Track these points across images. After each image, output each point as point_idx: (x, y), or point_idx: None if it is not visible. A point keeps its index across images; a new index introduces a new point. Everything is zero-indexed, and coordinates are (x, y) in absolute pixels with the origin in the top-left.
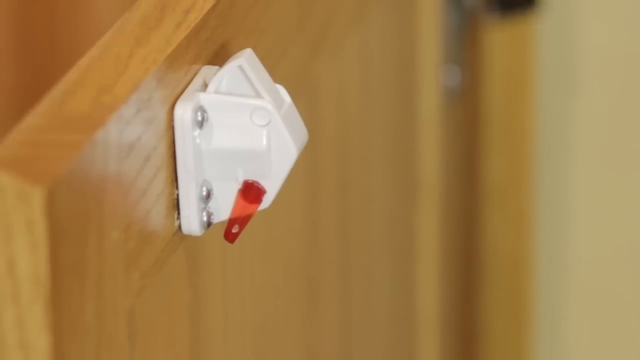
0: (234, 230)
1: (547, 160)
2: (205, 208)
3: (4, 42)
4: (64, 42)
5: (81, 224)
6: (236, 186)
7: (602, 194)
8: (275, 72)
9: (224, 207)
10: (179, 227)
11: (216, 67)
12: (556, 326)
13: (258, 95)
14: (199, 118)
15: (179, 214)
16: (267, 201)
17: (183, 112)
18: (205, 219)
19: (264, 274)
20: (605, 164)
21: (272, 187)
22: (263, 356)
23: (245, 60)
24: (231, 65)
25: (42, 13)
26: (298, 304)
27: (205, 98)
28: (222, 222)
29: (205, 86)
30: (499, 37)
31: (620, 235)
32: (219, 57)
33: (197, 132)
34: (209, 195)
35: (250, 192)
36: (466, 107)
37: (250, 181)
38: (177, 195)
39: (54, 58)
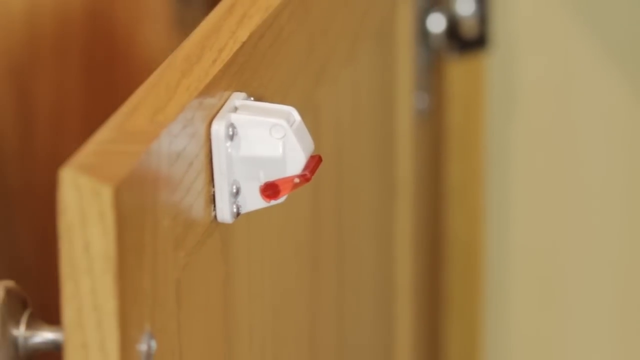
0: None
1: (495, 166)
2: (235, 202)
3: (75, 76)
4: (124, 75)
5: (140, 214)
6: (259, 185)
7: (536, 193)
8: (288, 97)
9: (249, 201)
10: (215, 216)
11: (244, 94)
12: (501, 295)
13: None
14: (230, 133)
15: (214, 206)
16: (283, 197)
17: (218, 128)
18: (235, 210)
19: (279, 252)
20: (540, 171)
21: None
22: (277, 313)
23: None
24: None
25: (104, 54)
26: (304, 275)
27: (235, 117)
28: (248, 213)
29: (235, 108)
30: (457, 70)
31: (549, 225)
32: (246, 86)
33: (228, 143)
34: (238, 192)
35: (270, 189)
36: (432, 125)
37: (269, 181)
38: (213, 192)
39: (117, 87)
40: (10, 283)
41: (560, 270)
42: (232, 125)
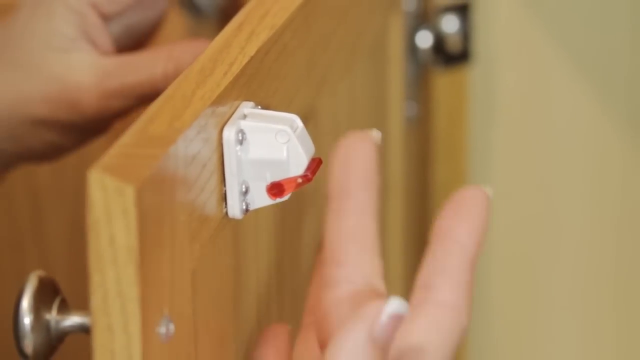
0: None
1: (477, 168)
2: (244, 200)
3: None
4: None
5: (160, 211)
6: (265, 184)
7: (514, 191)
8: (292, 105)
9: (257, 199)
10: (226, 213)
11: (252, 103)
12: (483, 283)
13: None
14: (240, 138)
15: (226, 204)
16: (287, 195)
17: (229, 134)
18: (244, 207)
19: (282, 245)
20: (517, 171)
21: None
22: (282, 299)
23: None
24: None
25: None
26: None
27: (244, 124)
28: (255, 209)
29: (244, 116)
30: (443, 81)
31: (526, 220)
32: (254, 96)
33: (238, 147)
34: (247, 191)
35: (275, 188)
36: (421, 130)
37: (275, 181)
38: (225, 191)
39: None
40: (43, 272)
41: (536, 259)
42: (241, 131)
